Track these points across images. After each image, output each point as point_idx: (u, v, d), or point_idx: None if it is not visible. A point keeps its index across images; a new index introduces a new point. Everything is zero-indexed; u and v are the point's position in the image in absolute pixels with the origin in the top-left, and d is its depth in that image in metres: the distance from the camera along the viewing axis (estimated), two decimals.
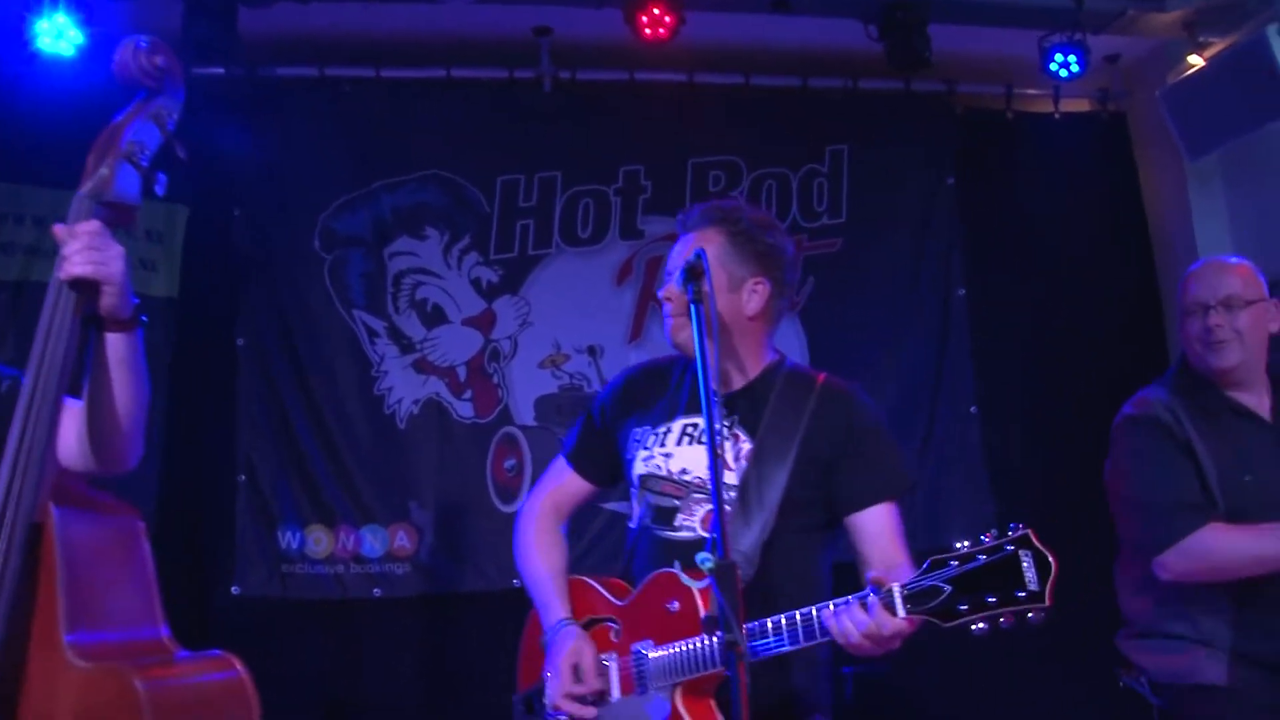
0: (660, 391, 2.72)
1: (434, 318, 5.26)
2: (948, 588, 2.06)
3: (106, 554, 2.21)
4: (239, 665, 2.23)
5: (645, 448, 2.64)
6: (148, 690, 2.01)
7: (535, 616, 2.74)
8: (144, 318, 2.21)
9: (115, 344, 2.17)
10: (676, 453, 2.59)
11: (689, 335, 2.44)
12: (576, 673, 2.51)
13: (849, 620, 2.16)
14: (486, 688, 3.81)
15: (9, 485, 2.04)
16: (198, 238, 4.95)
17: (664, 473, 2.59)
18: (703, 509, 2.52)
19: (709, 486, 2.44)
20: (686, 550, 2.42)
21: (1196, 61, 5.37)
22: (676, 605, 2.42)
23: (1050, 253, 5.75)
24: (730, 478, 2.52)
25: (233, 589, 4.81)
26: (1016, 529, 2.07)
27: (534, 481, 4.98)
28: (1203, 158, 5.46)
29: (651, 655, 2.46)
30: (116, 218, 2.11)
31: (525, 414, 5.24)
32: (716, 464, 2.15)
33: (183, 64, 2.23)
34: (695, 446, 2.57)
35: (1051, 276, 5.72)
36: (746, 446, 2.55)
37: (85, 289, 2.05)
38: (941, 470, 5.53)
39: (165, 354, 4.51)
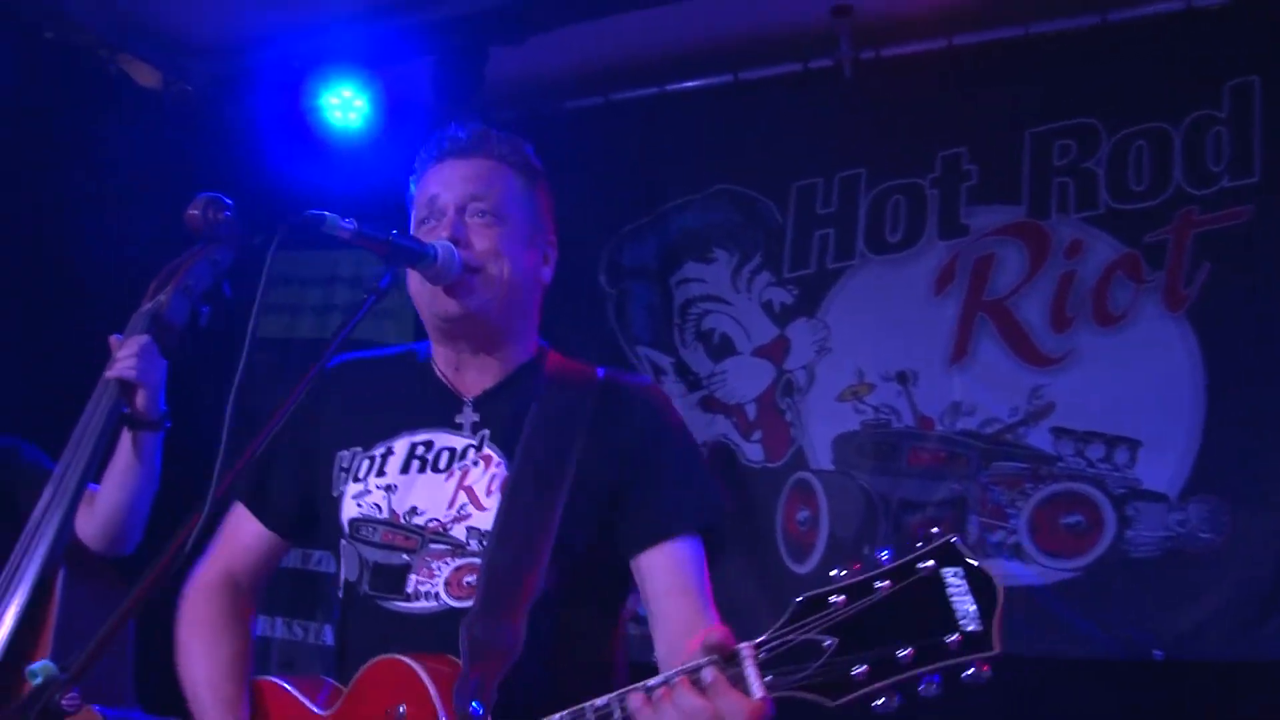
0: (380, 396, 1.98)
1: (722, 349, 4.70)
2: (829, 640, 1.35)
3: (93, 617, 2.42)
4: None
5: (356, 479, 1.91)
6: None
7: None
8: (168, 424, 2.58)
9: (138, 441, 2.53)
10: (402, 484, 1.87)
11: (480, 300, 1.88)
12: None
13: (675, 710, 1.44)
14: None
15: (24, 547, 2.44)
16: None
17: (384, 515, 1.86)
18: (450, 567, 1.81)
19: (451, 532, 1.82)
20: (426, 628, 1.77)
21: None
22: (405, 710, 1.67)
23: None
24: (482, 519, 1.81)
25: None
26: (936, 536, 1.35)
27: (830, 537, 4.28)
28: None
29: None
30: (164, 336, 2.57)
31: (822, 456, 4.46)
32: None
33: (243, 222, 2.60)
34: (430, 475, 1.85)
35: None
36: (500, 472, 1.83)
37: (126, 389, 2.51)
38: None
39: None
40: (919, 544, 1.38)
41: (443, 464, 1.86)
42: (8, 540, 2.45)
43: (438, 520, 1.82)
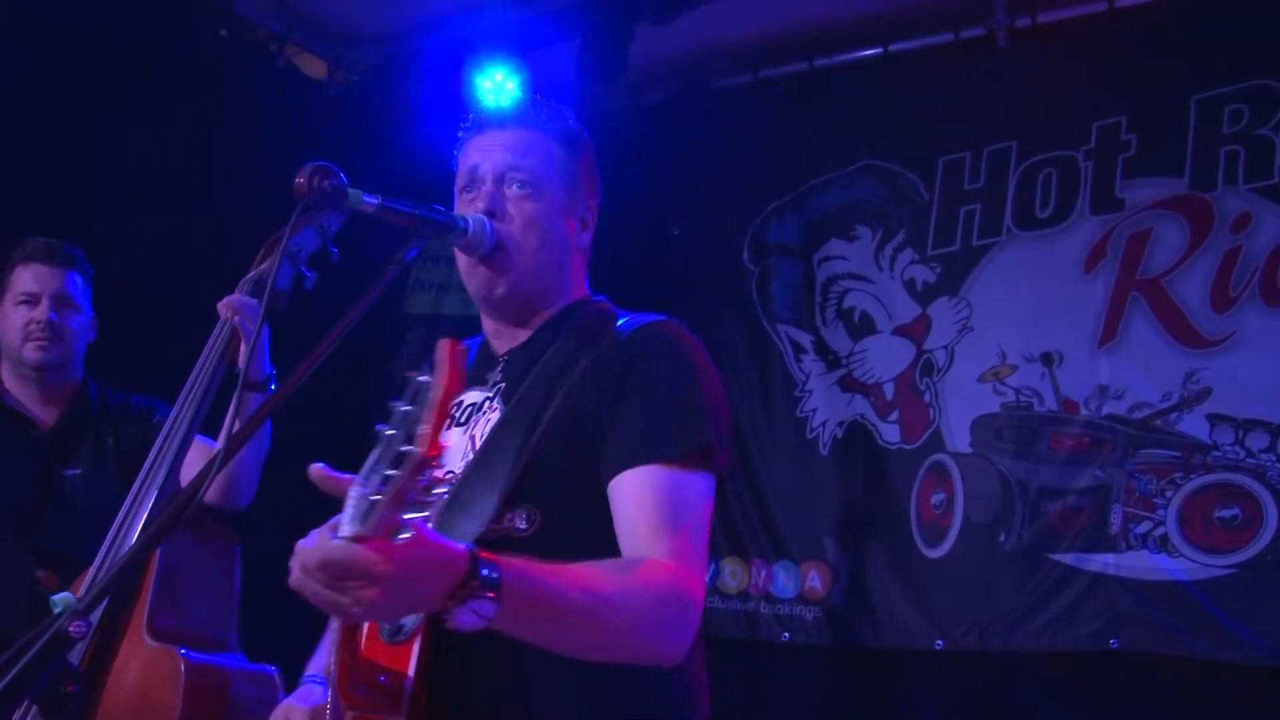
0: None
1: (862, 328, 4.61)
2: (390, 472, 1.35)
3: (198, 567, 2.69)
4: (280, 688, 2.61)
5: None
6: (189, 672, 2.43)
7: None
8: (273, 385, 2.69)
9: (244, 402, 2.64)
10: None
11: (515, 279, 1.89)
12: None
13: (305, 542, 1.41)
14: None
15: (133, 497, 2.58)
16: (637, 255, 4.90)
17: None
18: None
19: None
20: None
21: None
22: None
23: None
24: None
25: None
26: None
27: (964, 521, 4.17)
28: None
29: None
30: (270, 300, 2.58)
31: (960, 439, 4.32)
32: None
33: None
34: (455, 430, 1.87)
35: None
36: (496, 417, 1.83)
37: (230, 349, 2.64)
38: None
39: None
40: None
41: (463, 418, 1.89)
42: None
43: (454, 471, 1.84)
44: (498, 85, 4.94)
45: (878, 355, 4.56)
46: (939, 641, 4.17)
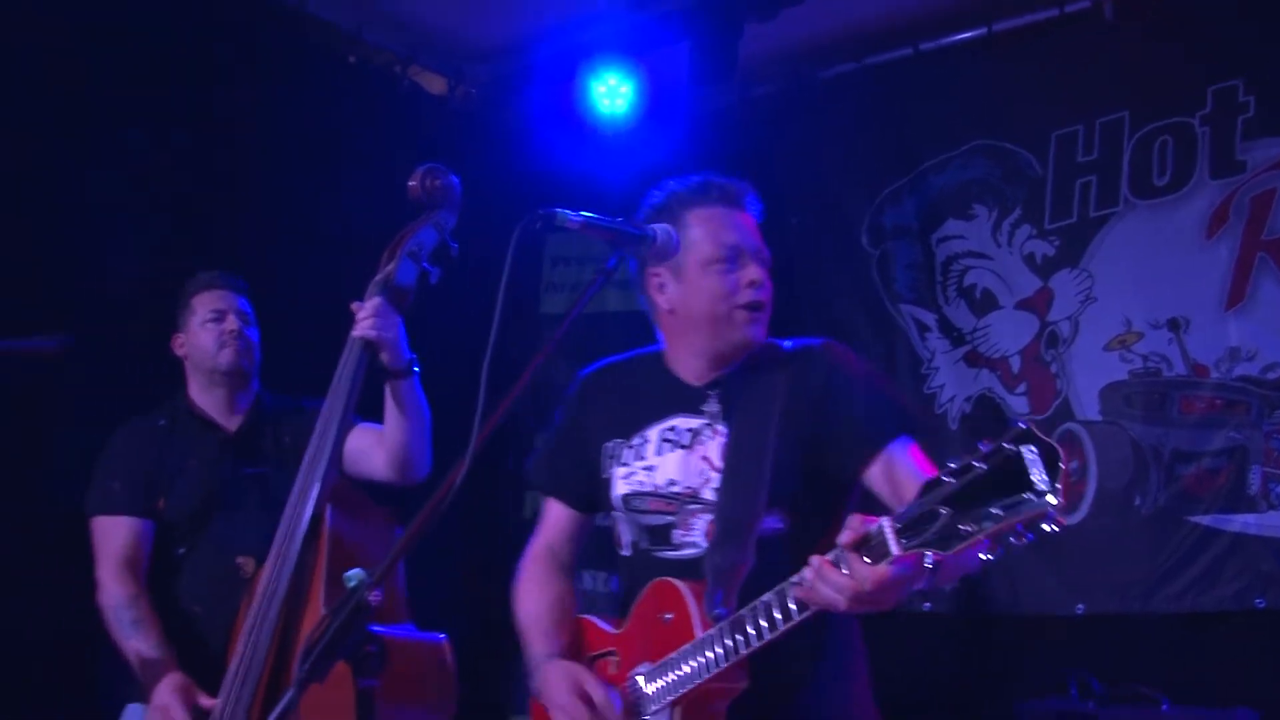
0: (631, 393, 2.39)
1: (984, 304, 4.70)
2: (945, 510, 1.68)
3: (362, 543, 2.87)
4: (449, 656, 2.79)
5: (623, 464, 2.35)
6: None
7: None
8: (416, 368, 2.86)
9: (394, 388, 2.87)
10: (659, 464, 2.31)
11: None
12: (587, 701, 2.15)
13: (824, 584, 1.82)
14: None
15: (299, 486, 2.83)
16: None
17: (649, 488, 2.31)
18: (702, 521, 2.24)
19: (702, 495, 2.25)
20: (690, 568, 2.20)
21: None
22: (670, 616, 2.14)
23: None
24: (718, 479, 2.23)
25: None
26: (1015, 425, 1.65)
27: (1099, 488, 4.24)
28: None
29: (643, 676, 2.16)
30: (396, 298, 2.79)
31: (1089, 406, 4.39)
32: None
33: (457, 184, 2.90)
34: (677, 452, 2.30)
35: None
36: (723, 440, 2.25)
37: (369, 346, 2.79)
38: None
39: None
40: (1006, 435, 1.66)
41: (686, 441, 2.29)
42: None
43: (690, 487, 2.26)
44: (611, 89, 5.11)
45: (1001, 330, 4.64)
46: (1079, 606, 4.25)
